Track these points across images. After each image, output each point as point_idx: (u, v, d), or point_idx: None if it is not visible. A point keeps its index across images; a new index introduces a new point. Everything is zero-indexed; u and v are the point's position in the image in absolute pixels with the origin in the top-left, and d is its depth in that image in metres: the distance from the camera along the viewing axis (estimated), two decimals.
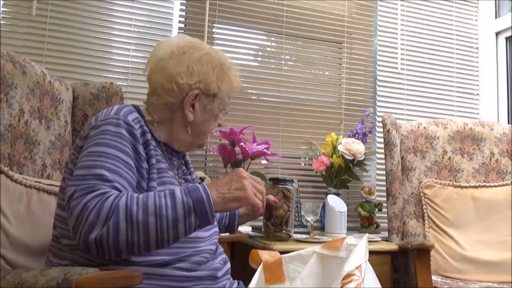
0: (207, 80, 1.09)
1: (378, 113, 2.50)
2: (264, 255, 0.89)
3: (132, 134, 0.98)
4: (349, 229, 2.07)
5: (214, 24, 2.31)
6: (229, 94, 1.15)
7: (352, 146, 2.14)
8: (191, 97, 1.08)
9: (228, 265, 1.13)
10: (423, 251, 1.68)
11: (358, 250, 0.76)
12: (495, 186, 2.07)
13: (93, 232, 0.82)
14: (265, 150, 2.01)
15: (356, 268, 0.73)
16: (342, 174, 2.21)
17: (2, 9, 1.93)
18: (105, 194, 0.85)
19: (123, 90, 1.63)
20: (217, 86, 1.10)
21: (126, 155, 0.95)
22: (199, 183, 0.96)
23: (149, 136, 1.03)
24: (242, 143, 1.98)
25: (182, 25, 2.25)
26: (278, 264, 0.86)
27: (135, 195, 0.87)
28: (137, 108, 1.07)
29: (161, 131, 1.10)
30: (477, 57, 2.78)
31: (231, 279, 1.13)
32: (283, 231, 1.48)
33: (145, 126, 1.03)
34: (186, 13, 2.27)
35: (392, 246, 1.76)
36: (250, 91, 2.36)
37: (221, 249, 1.15)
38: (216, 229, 1.16)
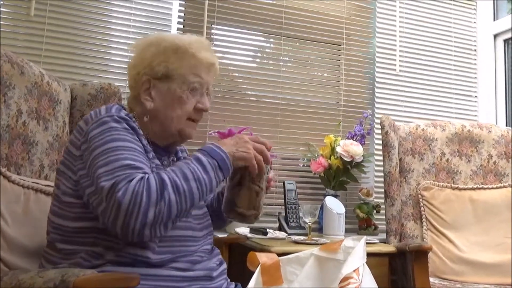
0: (152, 63, 1.07)
1: (376, 115, 2.50)
2: (262, 257, 0.89)
3: (131, 127, 0.99)
4: (347, 231, 2.07)
5: (213, 25, 2.31)
6: (196, 72, 1.09)
7: (350, 148, 2.15)
8: (143, 85, 1.07)
9: (224, 266, 1.13)
10: (421, 253, 1.68)
11: (356, 253, 0.76)
12: (493, 188, 2.07)
13: (149, 213, 0.84)
14: None
15: (354, 271, 0.73)
16: (340, 176, 2.21)
17: (0, 9, 1.92)
18: (145, 177, 0.88)
19: (121, 90, 1.63)
20: (166, 66, 1.06)
21: (138, 146, 0.97)
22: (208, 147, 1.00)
23: (141, 131, 1.03)
24: None
25: (181, 26, 2.25)
26: (276, 266, 0.86)
27: (168, 168, 0.93)
28: (123, 106, 1.08)
29: (142, 127, 1.08)
30: (475, 59, 2.78)
31: (228, 280, 1.13)
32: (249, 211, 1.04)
33: (135, 123, 1.03)
34: (184, 14, 2.27)
35: (390, 248, 1.76)
36: (249, 92, 2.36)
37: (217, 250, 1.15)
38: (211, 228, 1.16)
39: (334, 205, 1.92)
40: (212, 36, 2.32)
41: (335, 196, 2.11)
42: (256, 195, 1.04)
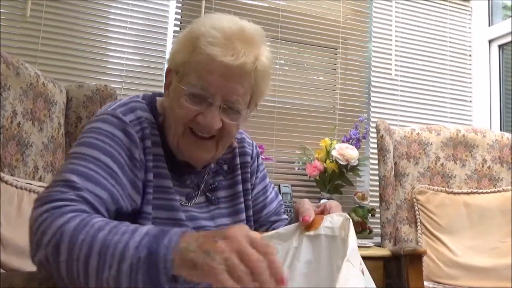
0: (172, 51, 0.90)
1: (372, 119, 2.51)
2: None
3: (127, 134, 0.81)
4: None
5: None
6: (200, 72, 0.81)
7: (345, 151, 2.15)
8: (166, 77, 0.91)
9: None
10: (416, 257, 1.69)
11: (351, 235, 0.74)
12: (487, 192, 2.08)
13: (37, 253, 0.65)
14: None
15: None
16: (335, 179, 2.21)
17: None
18: (60, 209, 0.66)
19: (117, 92, 1.62)
20: (174, 58, 0.87)
21: (111, 159, 0.77)
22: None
23: (149, 142, 0.84)
24: None
25: (178, 28, 2.25)
26: None
27: (94, 220, 0.65)
28: (152, 105, 0.90)
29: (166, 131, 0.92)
30: (470, 64, 2.80)
31: None
32: None
33: (148, 129, 0.84)
34: (181, 16, 2.27)
35: (384, 252, 1.76)
36: None
37: None
38: None
39: None
40: None
41: (330, 199, 2.11)
42: None
